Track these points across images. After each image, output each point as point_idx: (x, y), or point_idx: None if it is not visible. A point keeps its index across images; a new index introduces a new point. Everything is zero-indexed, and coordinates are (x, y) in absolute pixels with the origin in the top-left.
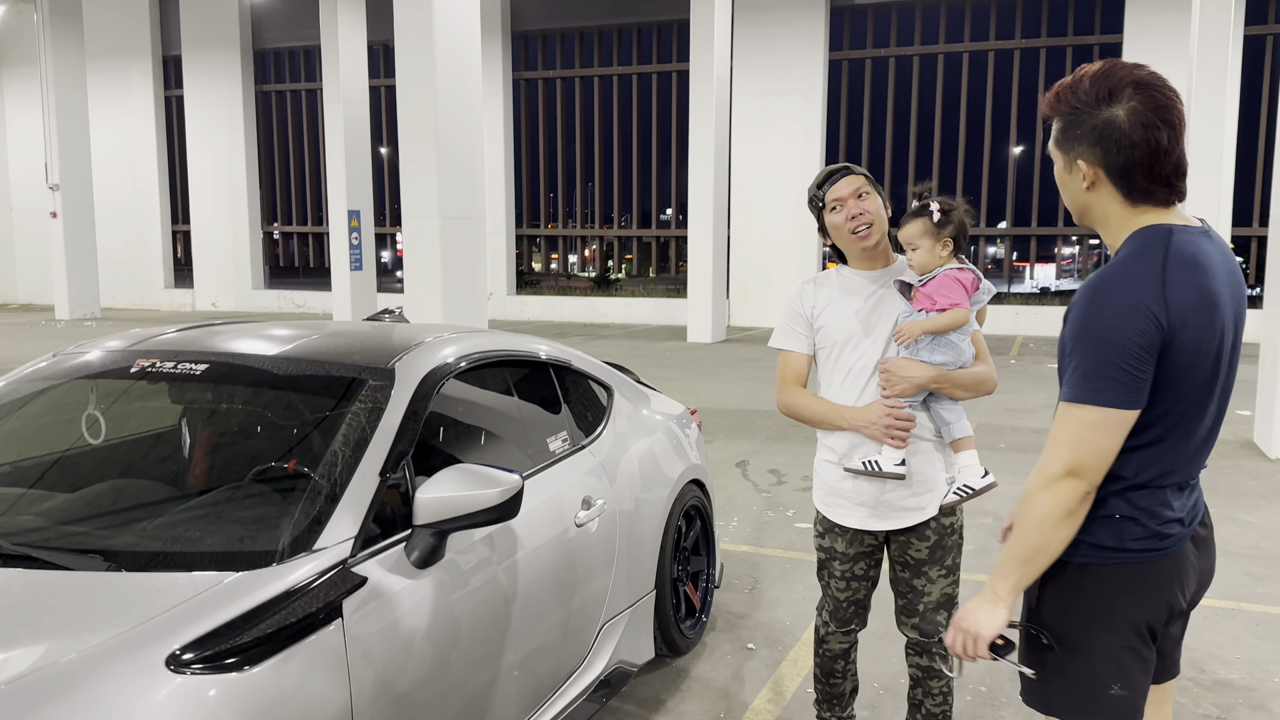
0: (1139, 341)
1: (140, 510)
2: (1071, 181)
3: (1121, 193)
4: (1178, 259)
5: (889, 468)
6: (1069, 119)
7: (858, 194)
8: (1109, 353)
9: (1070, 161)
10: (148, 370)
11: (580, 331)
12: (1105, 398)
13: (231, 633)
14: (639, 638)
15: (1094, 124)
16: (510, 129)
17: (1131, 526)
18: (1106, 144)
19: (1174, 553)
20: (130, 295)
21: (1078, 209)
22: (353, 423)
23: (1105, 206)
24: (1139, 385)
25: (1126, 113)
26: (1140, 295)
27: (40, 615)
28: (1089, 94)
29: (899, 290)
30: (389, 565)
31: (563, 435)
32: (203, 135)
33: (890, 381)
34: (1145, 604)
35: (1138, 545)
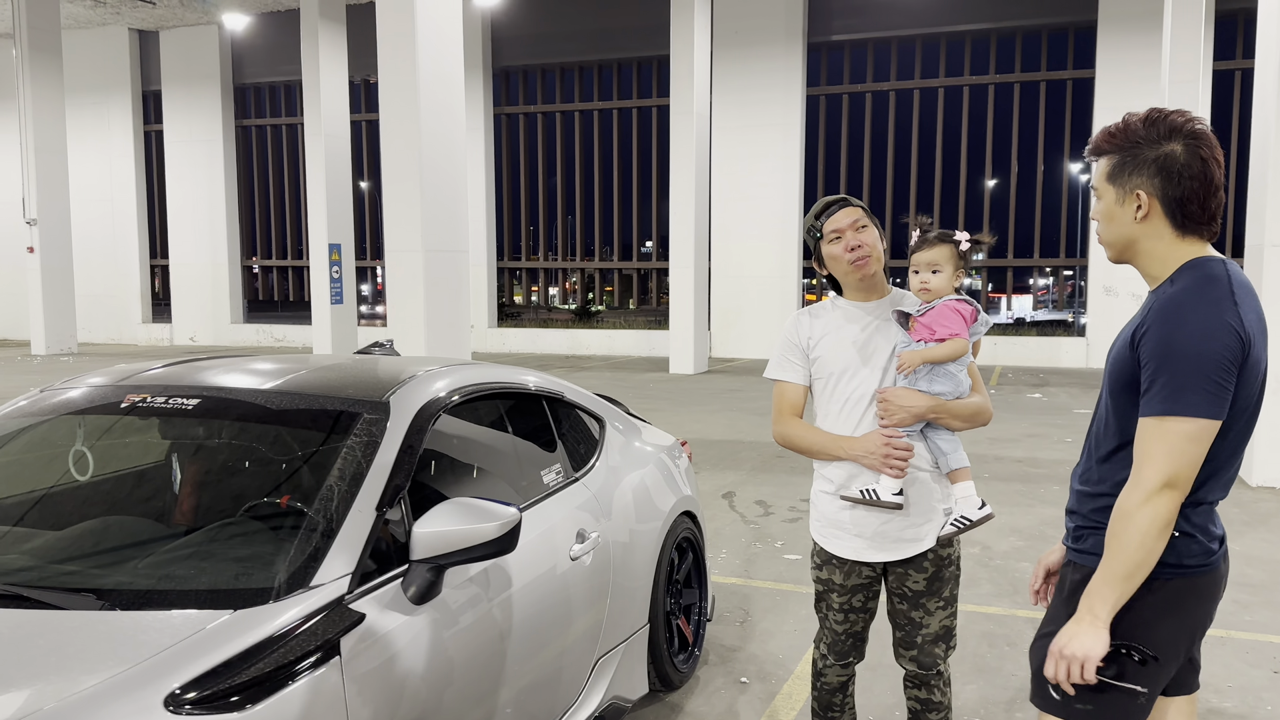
0: (1228, 355)
1: (132, 547)
2: (1122, 213)
3: (1173, 223)
4: (1239, 284)
5: (887, 497)
6: (1126, 154)
7: (856, 225)
8: (1201, 366)
9: (1125, 193)
10: (138, 405)
11: (562, 363)
12: (1199, 409)
13: (229, 672)
14: (633, 672)
15: (1154, 156)
16: (491, 163)
17: (1190, 544)
18: (1167, 174)
19: (1216, 569)
20: (108, 330)
21: (1122, 242)
22: (348, 457)
23: (1154, 238)
24: (1226, 397)
25: (1184, 148)
26: (1224, 314)
27: (35, 655)
28: (1146, 132)
29: (897, 320)
30: (386, 601)
31: (556, 468)
32: (182, 170)
33: (888, 411)
34: (1193, 618)
35: (1193, 561)
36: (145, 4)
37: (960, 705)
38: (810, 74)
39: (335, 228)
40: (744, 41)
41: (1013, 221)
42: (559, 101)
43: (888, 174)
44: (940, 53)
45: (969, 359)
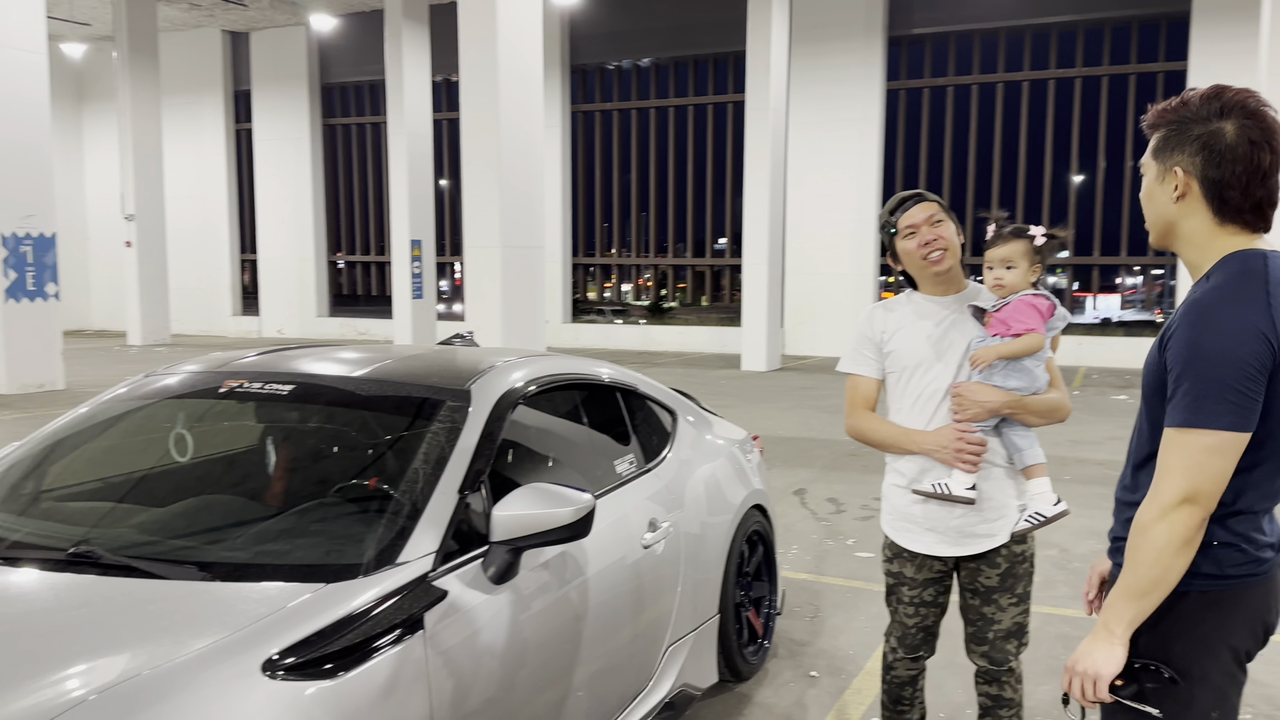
0: (1253, 363)
1: (230, 524)
2: (1161, 192)
3: (1212, 209)
4: (1278, 282)
5: (959, 491)
6: (1173, 129)
7: (931, 220)
8: (1224, 375)
9: (1165, 170)
10: (236, 390)
11: (635, 359)
12: (1220, 421)
13: (321, 641)
14: (703, 661)
15: (1200, 133)
16: (568, 160)
17: (1231, 553)
18: (1210, 153)
19: (1269, 578)
20: (199, 322)
21: (1162, 225)
22: (432, 442)
23: (1192, 221)
24: (1252, 407)
25: (1235, 128)
26: (1251, 317)
27: (143, 621)
28: (1199, 108)
29: (973, 315)
30: (468, 580)
31: (629, 458)
32: (271, 167)
33: (963, 405)
34: (1243, 630)
35: (1237, 571)
36: (237, 6)
37: (1032, 705)
38: (890, 68)
39: (417, 224)
40: (822, 36)
41: (1099, 219)
42: (635, 98)
43: (969, 170)
44: (1025, 46)
45: (1046, 354)
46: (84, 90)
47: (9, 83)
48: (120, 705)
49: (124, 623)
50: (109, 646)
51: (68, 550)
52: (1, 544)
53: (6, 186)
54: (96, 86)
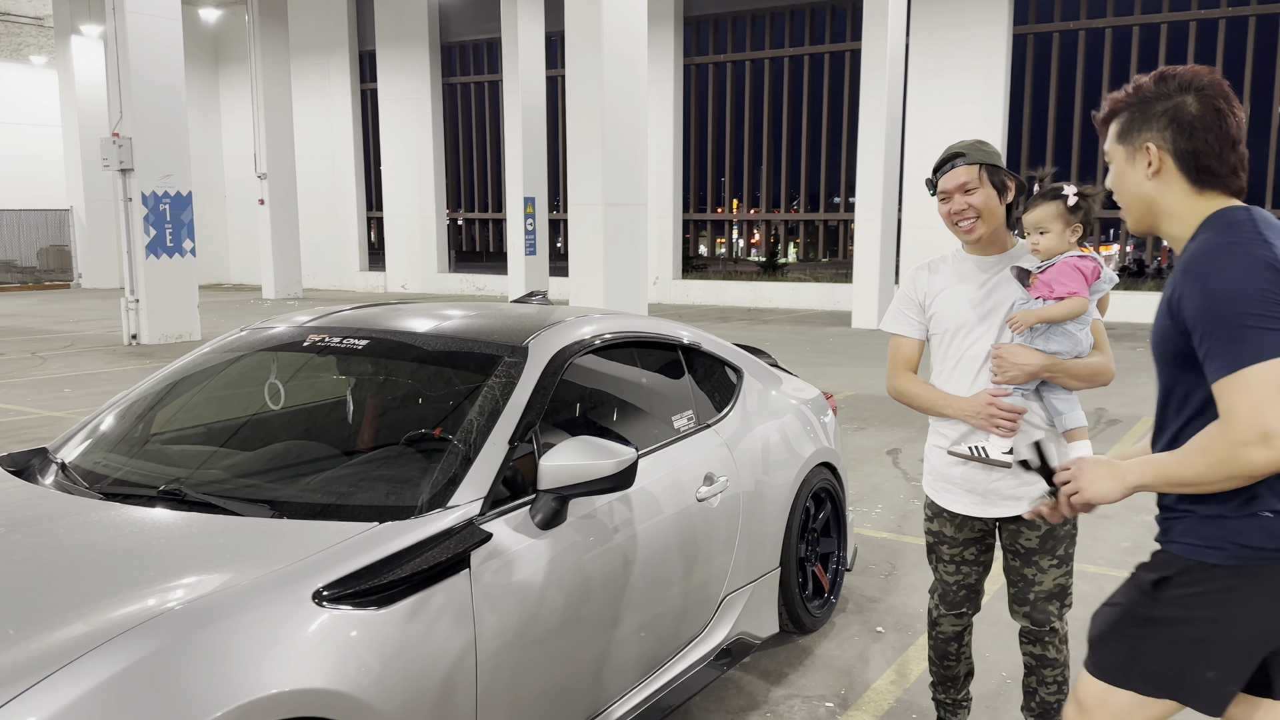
0: (1272, 290)
1: (305, 468)
2: (1133, 173)
3: (1189, 179)
4: (1266, 224)
5: (996, 455)
6: (1135, 110)
7: (964, 189)
8: (1248, 307)
9: (1135, 150)
10: (318, 344)
11: (743, 316)
12: (1269, 349)
13: (371, 574)
14: (762, 612)
15: (1165, 108)
16: (680, 115)
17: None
18: (1179, 125)
19: None
20: (329, 277)
21: (1140, 205)
22: (488, 395)
23: (1171, 195)
24: None
25: (1197, 99)
26: (1257, 253)
27: (212, 552)
28: (1156, 88)
29: (1016, 277)
30: (514, 525)
31: (688, 414)
32: (394, 126)
33: (1002, 368)
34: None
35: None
36: None
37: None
38: (1018, 12)
39: (530, 181)
40: None
41: None
42: (749, 49)
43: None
44: None
45: (1092, 316)
46: (220, 53)
47: (146, 49)
48: (184, 622)
49: (196, 553)
50: (180, 573)
51: (158, 489)
52: (105, 481)
53: (146, 148)
54: (232, 49)
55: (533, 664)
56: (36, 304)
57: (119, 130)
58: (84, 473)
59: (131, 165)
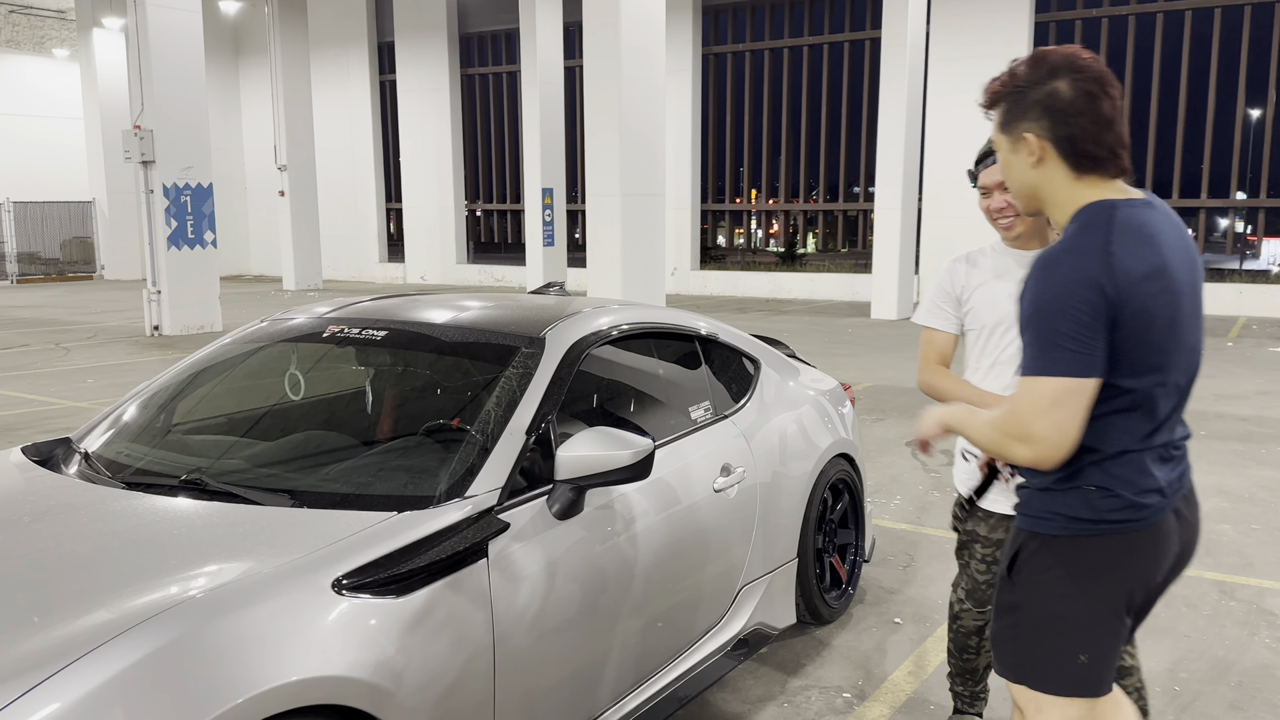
0: (1086, 310)
1: (325, 458)
2: (1018, 161)
3: (1069, 164)
4: (1123, 230)
5: None
6: (1011, 100)
7: (1003, 185)
8: (1059, 324)
9: (1015, 139)
10: (337, 335)
11: (761, 307)
12: (1059, 367)
13: (390, 563)
14: (779, 603)
15: (1038, 97)
16: (699, 104)
17: (1107, 498)
18: (1053, 113)
19: (1153, 525)
20: (349, 269)
21: (1026, 191)
22: (505, 385)
23: (1053, 182)
24: (1091, 353)
25: (1068, 84)
26: (1086, 267)
27: (233, 541)
28: (1028, 74)
29: None
30: (531, 514)
31: (705, 405)
32: (413, 118)
33: None
34: (1122, 577)
35: (1115, 516)
36: None
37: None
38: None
39: (548, 172)
40: None
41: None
42: (768, 38)
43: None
44: None
45: None
46: (240, 45)
47: (167, 41)
48: (205, 610)
49: (217, 542)
50: (202, 561)
51: (179, 478)
52: (127, 470)
53: (167, 140)
54: (251, 41)
55: (550, 653)
56: (60, 295)
57: (140, 122)
58: (107, 462)
59: (153, 157)
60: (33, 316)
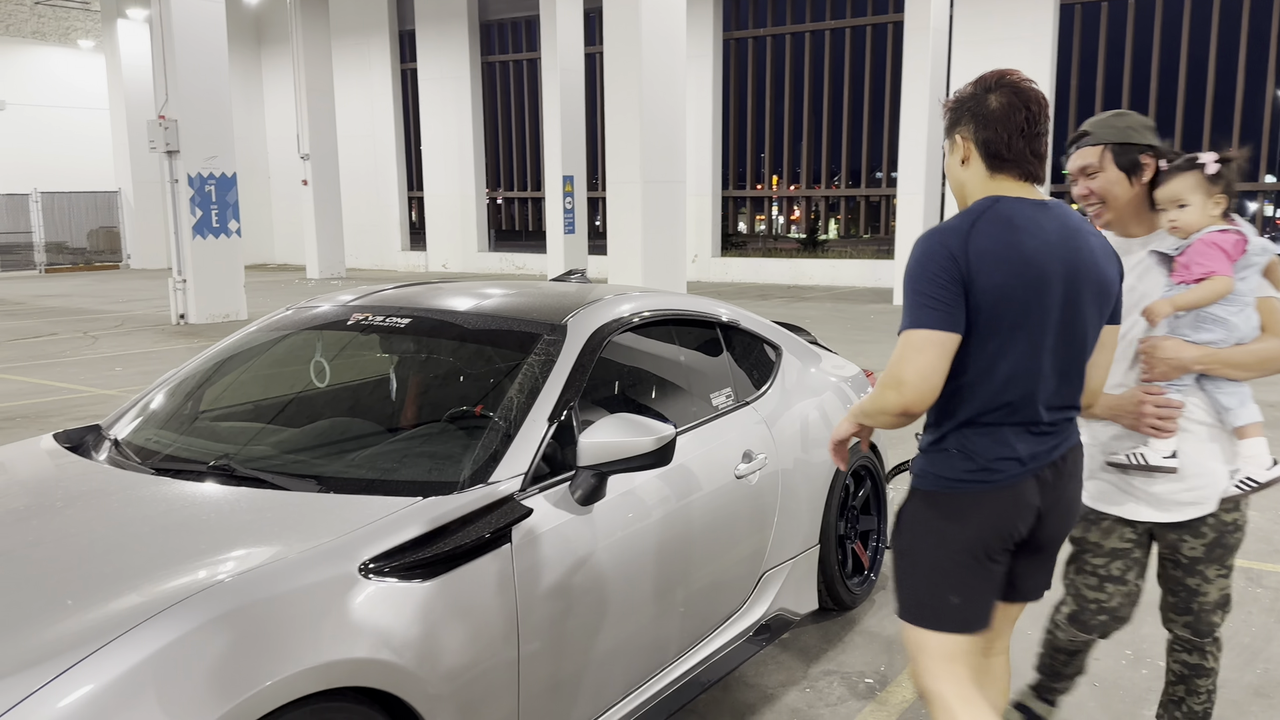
0: (941, 274)
1: (350, 444)
2: (954, 161)
3: (986, 164)
4: (991, 218)
5: (1156, 461)
6: (954, 110)
7: (1085, 172)
8: (920, 285)
9: (953, 142)
10: (361, 323)
11: (783, 294)
12: (922, 321)
13: (415, 548)
14: (801, 589)
15: (971, 106)
16: (719, 90)
17: (962, 460)
18: (978, 120)
19: (1005, 486)
20: (372, 257)
21: (956, 186)
22: (527, 372)
23: (975, 178)
24: (949, 311)
25: (996, 97)
26: (945, 240)
27: (261, 525)
28: (970, 91)
29: (1158, 262)
30: (554, 500)
31: (726, 391)
32: (434, 105)
33: (1149, 364)
34: (976, 528)
35: (968, 477)
36: None
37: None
38: None
39: (569, 160)
40: None
41: None
42: (789, 23)
43: (1151, 90)
44: None
45: (1249, 295)
46: (262, 34)
47: (191, 32)
48: (235, 594)
49: (245, 527)
50: (231, 545)
51: (208, 464)
52: (156, 457)
53: (191, 130)
54: (273, 30)
55: (573, 637)
56: (87, 284)
57: (165, 112)
58: (136, 449)
59: (177, 147)
60: (61, 305)
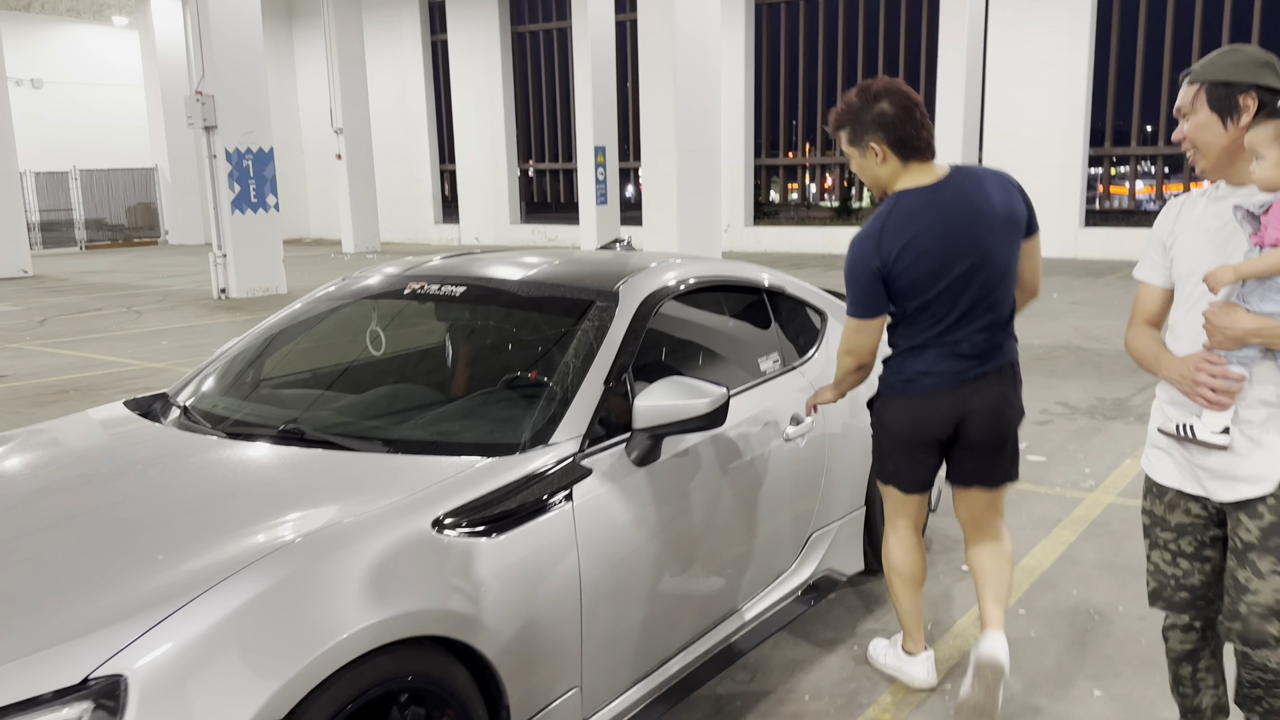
0: (866, 278)
1: (412, 409)
2: (868, 164)
3: (899, 157)
4: (896, 217)
5: (1204, 435)
6: (853, 122)
7: (1181, 112)
8: (851, 288)
9: (864, 149)
10: (417, 292)
11: (816, 262)
12: (856, 313)
13: (485, 505)
14: (848, 550)
15: (871, 117)
16: (751, 57)
17: (898, 372)
18: (884, 125)
19: (928, 393)
20: (405, 230)
21: (878, 184)
22: (582, 338)
23: (892, 172)
24: (874, 303)
25: (889, 103)
26: (864, 248)
27: (336, 485)
28: (859, 102)
29: (1243, 219)
30: (611, 461)
31: (774, 356)
32: (465, 77)
33: (1209, 332)
34: (906, 421)
35: (897, 385)
36: None
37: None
38: None
39: (600, 130)
40: None
41: None
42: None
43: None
44: None
45: None
46: (293, 8)
47: (225, 6)
48: (316, 548)
49: (321, 486)
50: (307, 504)
51: (279, 428)
52: (226, 422)
53: (228, 106)
54: (304, 4)
55: (631, 593)
56: (127, 260)
57: (202, 88)
58: (205, 414)
59: (215, 122)
60: (103, 281)
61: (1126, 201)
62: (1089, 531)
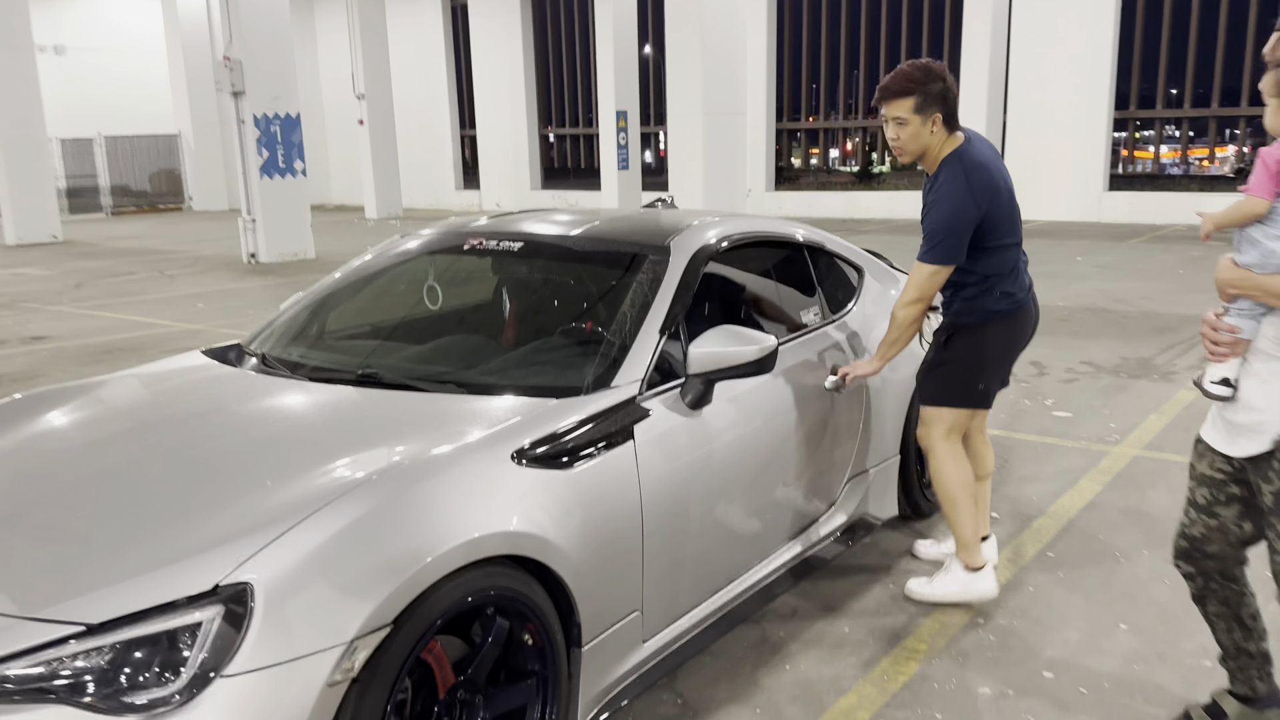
0: (967, 227)
1: (478, 356)
2: (924, 131)
3: (948, 127)
4: (974, 170)
5: (1207, 385)
6: (923, 93)
7: (1267, 57)
8: (950, 236)
9: (927, 118)
10: (476, 247)
11: (838, 227)
12: (945, 259)
13: (555, 441)
14: (883, 496)
15: (938, 91)
16: (773, 19)
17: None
18: (946, 100)
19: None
20: (426, 196)
21: (925, 151)
22: (637, 290)
23: (941, 139)
24: (962, 250)
25: (947, 83)
26: (962, 203)
27: (419, 421)
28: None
29: None
30: (668, 404)
31: (814, 310)
32: (485, 41)
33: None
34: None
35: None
36: None
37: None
38: None
39: (622, 95)
40: None
41: None
42: None
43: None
44: None
45: None
46: None
47: None
48: (413, 473)
49: (408, 422)
50: (396, 439)
51: (356, 372)
52: (305, 368)
53: (255, 71)
54: None
55: (688, 524)
56: (154, 226)
57: (229, 54)
58: (281, 361)
59: (243, 88)
60: (133, 246)
61: (1150, 166)
62: (1114, 482)
